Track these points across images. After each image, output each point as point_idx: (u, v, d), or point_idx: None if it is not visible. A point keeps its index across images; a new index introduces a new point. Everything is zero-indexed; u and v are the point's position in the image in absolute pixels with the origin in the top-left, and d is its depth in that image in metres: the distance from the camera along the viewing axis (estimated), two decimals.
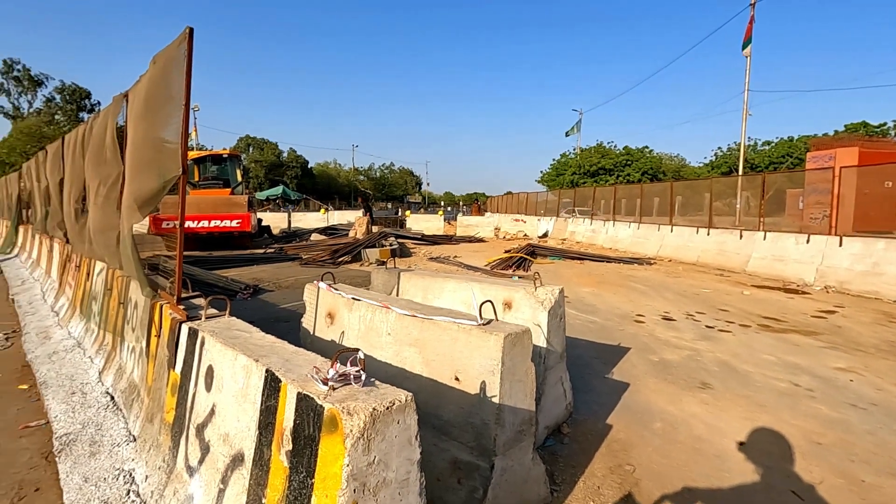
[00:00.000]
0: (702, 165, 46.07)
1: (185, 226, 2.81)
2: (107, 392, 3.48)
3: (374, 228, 16.87)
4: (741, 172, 24.57)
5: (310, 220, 25.11)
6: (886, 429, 3.27)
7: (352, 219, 21.83)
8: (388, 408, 1.37)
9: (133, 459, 2.58)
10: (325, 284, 3.13)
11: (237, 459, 1.72)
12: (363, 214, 18.95)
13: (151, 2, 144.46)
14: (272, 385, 1.62)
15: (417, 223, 23.92)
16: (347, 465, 1.28)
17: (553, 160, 48.91)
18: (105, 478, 2.45)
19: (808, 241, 9.92)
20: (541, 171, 51.00)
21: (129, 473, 2.47)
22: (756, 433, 3.18)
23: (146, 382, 2.87)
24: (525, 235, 21.38)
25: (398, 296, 3.82)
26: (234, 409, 1.81)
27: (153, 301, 2.95)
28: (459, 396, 2.18)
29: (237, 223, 13.63)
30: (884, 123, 35.76)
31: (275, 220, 22.88)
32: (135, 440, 2.75)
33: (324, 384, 1.45)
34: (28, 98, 46.73)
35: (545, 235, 21.42)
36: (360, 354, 1.54)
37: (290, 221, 24.79)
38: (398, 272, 3.97)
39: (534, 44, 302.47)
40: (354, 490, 1.30)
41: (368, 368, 1.54)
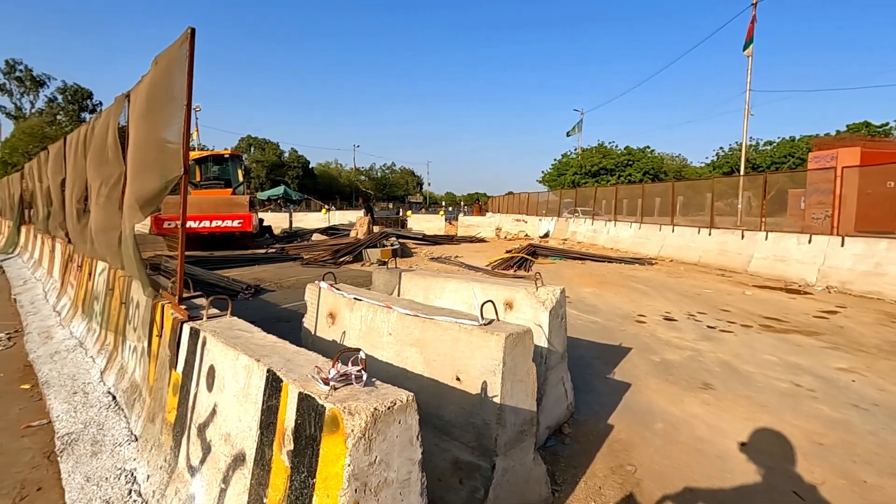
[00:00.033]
0: (703, 165, 46.01)
1: (187, 226, 2.82)
2: (108, 392, 3.49)
3: (376, 228, 16.87)
4: (743, 172, 24.54)
5: (311, 221, 25.13)
6: (888, 429, 3.26)
7: (353, 219, 21.84)
8: (390, 408, 1.37)
9: (135, 459, 2.58)
10: (327, 284, 3.13)
11: (239, 459, 1.73)
12: (364, 214, 18.95)
13: (151, 2, 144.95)
14: (273, 385, 1.62)
15: (419, 223, 23.94)
16: (349, 465, 1.28)
17: (554, 160, 48.93)
18: (107, 477, 2.45)
19: (810, 242, 9.90)
20: (542, 172, 51.02)
21: (131, 473, 2.48)
22: (758, 434, 3.18)
23: (148, 382, 2.87)
24: (526, 235, 21.38)
25: (399, 296, 3.82)
26: (236, 409, 1.81)
27: (155, 301, 2.96)
28: (461, 396, 2.18)
29: (238, 223, 13.65)
30: (886, 123, 35.69)
31: (276, 220, 22.93)
32: (136, 440, 2.76)
33: (325, 384, 1.45)
34: (30, 98, 46.89)
35: (546, 235, 21.42)
36: (362, 354, 1.54)
37: (292, 221, 24.83)
38: (399, 272, 3.97)
39: (534, 44, 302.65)
40: (356, 490, 1.30)
41: (370, 368, 1.54)
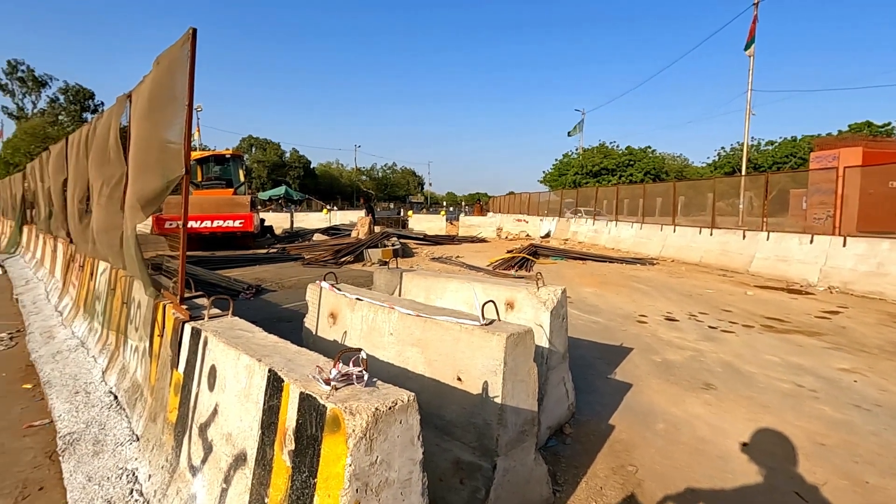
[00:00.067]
0: (705, 165, 45.96)
1: (188, 226, 2.82)
2: (110, 391, 3.49)
3: (377, 229, 16.87)
4: (744, 172, 24.50)
5: (312, 221, 25.15)
6: (890, 430, 3.25)
7: (354, 219, 21.85)
8: (391, 408, 1.37)
9: (136, 459, 2.58)
10: (328, 284, 3.13)
11: (240, 459, 1.73)
12: (365, 214, 18.96)
13: (151, 2, 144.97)
14: (275, 385, 1.62)
15: (420, 223, 23.95)
16: (350, 465, 1.28)
17: (555, 160, 48.94)
18: (108, 477, 2.45)
19: (812, 242, 9.88)
20: (543, 172, 51.00)
21: (133, 473, 2.48)
22: (759, 434, 3.17)
23: (149, 382, 2.87)
24: (527, 236, 21.36)
25: (400, 296, 3.82)
26: (237, 409, 1.81)
27: (156, 301, 2.96)
28: (462, 396, 2.18)
29: (240, 223, 13.66)
30: (888, 123, 35.61)
31: (277, 221, 22.94)
32: (138, 439, 2.76)
33: (326, 384, 1.45)
34: (32, 99, 47.02)
35: (547, 236, 21.40)
36: (363, 354, 1.54)
37: (293, 221, 24.84)
38: (400, 272, 3.97)
39: (535, 44, 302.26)
40: (357, 490, 1.30)
41: (371, 368, 1.54)
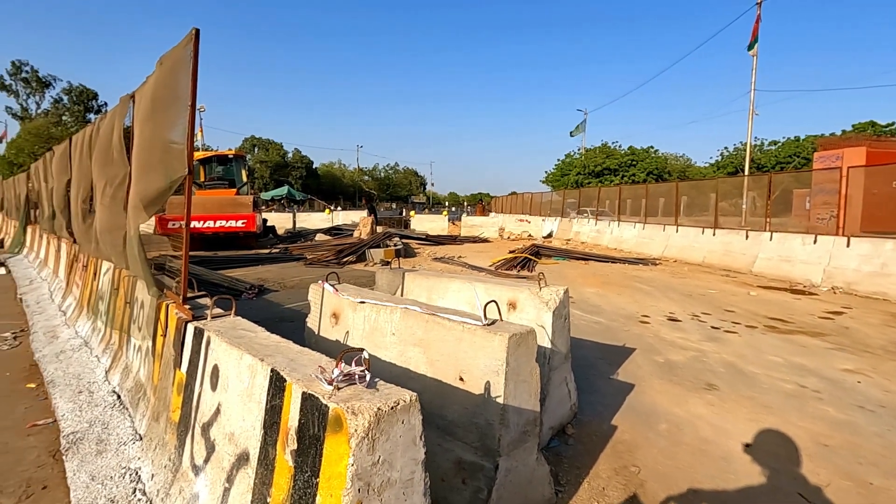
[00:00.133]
0: (707, 165, 45.84)
1: (191, 226, 2.83)
2: (113, 391, 3.50)
3: (379, 229, 16.89)
4: (747, 172, 24.44)
5: (314, 221, 25.17)
6: (894, 431, 3.24)
7: (356, 219, 21.88)
8: (393, 408, 1.37)
9: (139, 458, 2.59)
10: (330, 285, 3.14)
11: (242, 458, 1.73)
12: (368, 215, 18.98)
13: (151, 2, 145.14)
14: (277, 385, 1.62)
15: (422, 223, 23.96)
16: (352, 465, 1.28)
17: (558, 160, 48.93)
18: (111, 476, 2.46)
19: (815, 242, 9.84)
20: (545, 172, 51.03)
21: (136, 472, 2.49)
22: (762, 435, 3.16)
23: (152, 381, 2.88)
24: (529, 236, 21.34)
25: (402, 296, 3.82)
26: (240, 409, 1.82)
27: (159, 300, 2.97)
28: (464, 397, 2.18)
29: (242, 223, 13.70)
30: (892, 123, 35.45)
31: (280, 221, 22.98)
32: (141, 439, 2.77)
33: (328, 384, 1.46)
34: (36, 99, 47.26)
35: (550, 236, 21.39)
36: (365, 354, 1.54)
37: (295, 221, 24.87)
38: (402, 272, 3.97)
39: (535, 44, 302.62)
40: (359, 490, 1.30)
41: (373, 368, 1.54)
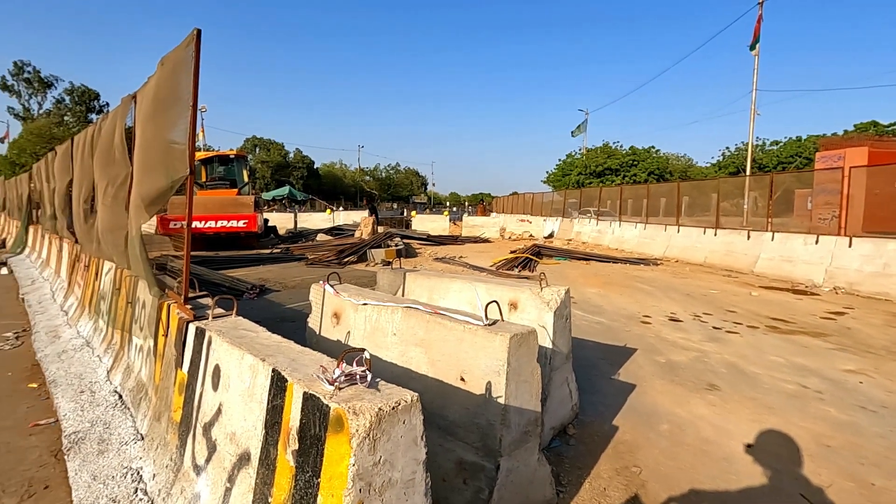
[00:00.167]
0: (709, 166, 45.78)
1: (193, 226, 2.83)
2: (115, 391, 3.51)
3: (380, 229, 16.89)
4: (749, 172, 24.40)
5: (316, 221, 25.20)
6: None
7: (357, 219, 21.90)
8: (394, 408, 1.37)
9: (141, 458, 2.59)
10: (331, 285, 3.14)
11: (244, 458, 1.73)
12: (369, 215, 18.99)
13: (151, 2, 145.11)
14: (278, 385, 1.62)
15: (423, 224, 23.97)
16: (353, 465, 1.28)
17: (559, 160, 48.83)
18: (113, 476, 2.47)
19: (817, 242, 9.82)
20: (546, 172, 50.96)
21: (137, 472, 2.49)
22: (764, 435, 3.15)
23: (154, 381, 2.89)
24: (531, 236, 21.33)
25: (404, 296, 3.82)
26: (241, 409, 1.82)
27: (161, 300, 2.97)
28: (465, 397, 2.18)
29: (244, 223, 13.71)
30: (894, 123, 35.39)
31: (281, 221, 23.00)
32: (142, 439, 2.77)
33: (330, 384, 1.46)
34: (38, 99, 47.40)
35: (551, 236, 21.38)
36: (366, 354, 1.54)
37: (296, 222, 24.89)
38: (404, 272, 3.97)
39: (535, 44, 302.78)
40: (360, 490, 1.30)
41: (374, 368, 1.54)
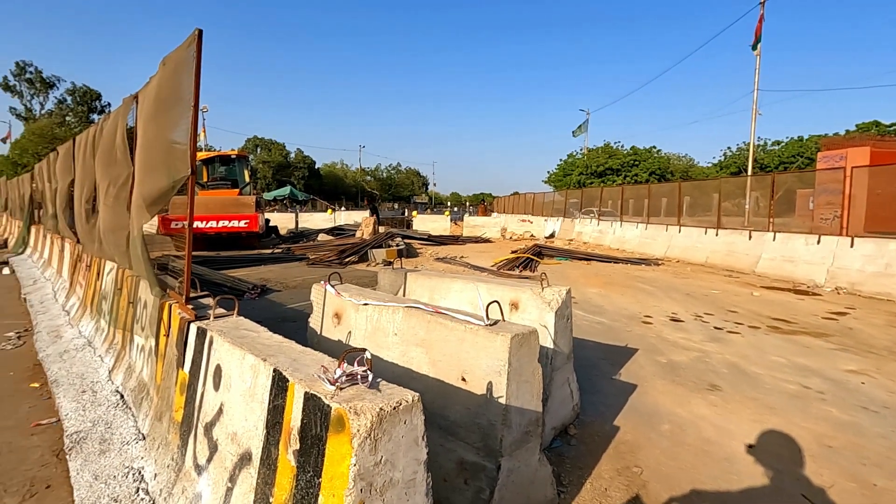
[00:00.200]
0: (710, 165, 45.76)
1: (194, 226, 2.84)
2: (116, 390, 3.51)
3: (381, 229, 16.90)
4: (750, 172, 24.37)
5: (317, 221, 25.24)
6: None
7: (358, 219, 21.91)
8: (395, 408, 1.37)
9: (142, 457, 2.60)
10: (332, 285, 3.14)
11: (245, 458, 1.73)
12: (370, 215, 19.00)
13: (151, 2, 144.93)
14: (280, 384, 1.62)
15: (424, 224, 23.99)
16: (354, 465, 1.29)
17: (560, 160, 48.83)
18: (115, 475, 2.47)
19: (819, 242, 9.80)
20: (548, 172, 50.96)
21: (139, 471, 2.49)
22: (765, 436, 3.15)
23: (155, 381, 2.89)
24: (532, 236, 21.32)
25: (405, 296, 3.82)
26: (242, 409, 1.82)
27: (162, 300, 2.98)
28: (466, 397, 2.18)
29: (245, 223, 13.73)
30: None
31: (282, 221, 23.06)
32: (144, 438, 2.78)
33: (331, 384, 1.46)
34: (40, 100, 47.53)
35: (552, 236, 21.37)
36: (367, 354, 1.54)
37: (298, 222, 24.94)
38: (405, 272, 3.97)
39: (536, 44, 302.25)
40: (361, 490, 1.30)
41: (375, 368, 1.55)
